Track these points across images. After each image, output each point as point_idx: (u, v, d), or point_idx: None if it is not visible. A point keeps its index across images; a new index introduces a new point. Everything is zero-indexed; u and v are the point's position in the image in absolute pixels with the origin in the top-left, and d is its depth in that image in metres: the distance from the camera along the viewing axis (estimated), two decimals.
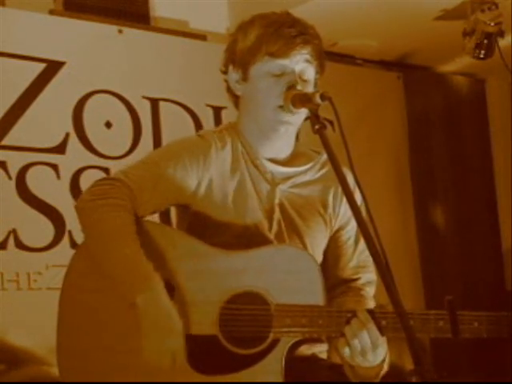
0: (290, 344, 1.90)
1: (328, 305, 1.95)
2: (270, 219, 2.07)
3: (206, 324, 1.90)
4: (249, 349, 1.89)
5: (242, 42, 2.08)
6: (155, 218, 2.24)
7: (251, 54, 2.05)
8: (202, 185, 2.04)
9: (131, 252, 1.87)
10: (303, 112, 2.00)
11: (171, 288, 1.90)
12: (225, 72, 2.14)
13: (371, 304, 2.11)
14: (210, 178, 2.05)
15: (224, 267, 1.93)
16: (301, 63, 2.02)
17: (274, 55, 2.01)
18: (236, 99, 2.15)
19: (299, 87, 1.99)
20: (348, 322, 1.86)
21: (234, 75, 2.10)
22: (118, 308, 1.91)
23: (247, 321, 1.90)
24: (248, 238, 2.02)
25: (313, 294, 1.93)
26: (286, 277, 1.93)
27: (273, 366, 1.88)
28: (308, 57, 2.03)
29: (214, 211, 2.05)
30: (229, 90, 2.15)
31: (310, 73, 2.05)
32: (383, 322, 1.86)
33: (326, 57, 2.11)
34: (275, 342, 1.89)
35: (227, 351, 1.89)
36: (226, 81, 2.14)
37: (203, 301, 1.90)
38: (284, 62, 2.01)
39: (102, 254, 1.91)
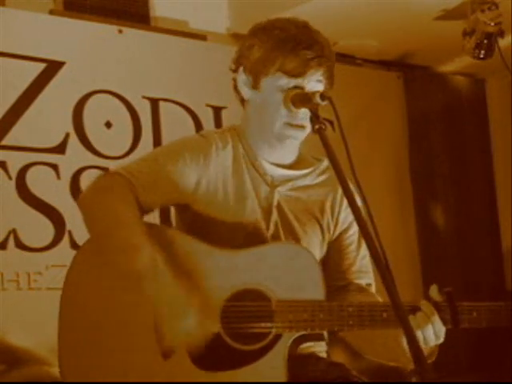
0: (292, 339, 1.91)
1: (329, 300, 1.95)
2: (267, 220, 2.07)
3: (209, 322, 1.89)
4: (251, 345, 1.90)
5: (257, 50, 2.05)
6: (155, 218, 2.24)
7: (265, 66, 2.03)
8: (202, 183, 2.05)
9: (132, 232, 1.86)
10: (308, 127, 1.99)
11: None
12: (234, 70, 2.11)
13: (379, 300, 2.11)
14: (209, 176, 2.05)
15: (225, 265, 1.94)
16: (312, 82, 2.01)
17: (287, 73, 2.00)
18: (243, 98, 2.13)
19: None
20: (413, 312, 1.88)
21: (243, 77, 2.08)
22: (119, 306, 1.91)
23: (249, 317, 1.91)
24: (246, 238, 2.02)
25: (313, 289, 1.94)
26: (286, 273, 1.94)
27: (276, 361, 1.89)
28: (320, 77, 2.03)
29: (213, 210, 2.05)
30: (235, 88, 2.13)
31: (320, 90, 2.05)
32: (384, 315, 1.89)
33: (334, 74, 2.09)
34: (277, 338, 1.91)
35: (230, 348, 1.90)
36: (234, 79, 2.12)
37: (205, 299, 1.90)
38: (297, 81, 2.00)
39: (107, 239, 1.89)
